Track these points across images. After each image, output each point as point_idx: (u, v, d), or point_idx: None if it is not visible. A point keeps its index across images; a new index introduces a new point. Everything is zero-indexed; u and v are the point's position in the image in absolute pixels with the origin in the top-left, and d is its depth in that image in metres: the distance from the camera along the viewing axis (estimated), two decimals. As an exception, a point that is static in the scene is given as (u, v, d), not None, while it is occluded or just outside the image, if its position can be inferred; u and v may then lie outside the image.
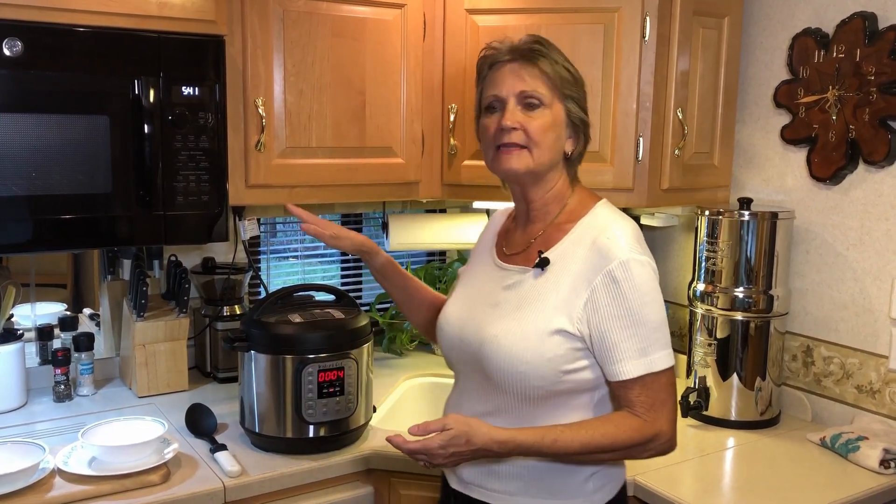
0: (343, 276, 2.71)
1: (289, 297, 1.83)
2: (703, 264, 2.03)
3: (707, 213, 2.01)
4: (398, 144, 2.09)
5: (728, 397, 2.01)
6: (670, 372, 1.33)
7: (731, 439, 1.94)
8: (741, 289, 1.97)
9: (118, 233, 1.74)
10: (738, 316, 1.98)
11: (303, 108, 1.95)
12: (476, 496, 1.43)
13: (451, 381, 1.55)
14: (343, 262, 2.71)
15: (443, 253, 2.82)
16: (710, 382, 2.02)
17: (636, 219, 2.36)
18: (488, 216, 2.52)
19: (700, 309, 2.04)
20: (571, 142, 1.42)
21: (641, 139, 1.98)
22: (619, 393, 1.33)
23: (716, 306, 2.00)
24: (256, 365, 1.75)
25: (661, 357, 1.31)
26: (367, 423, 1.84)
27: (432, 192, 2.16)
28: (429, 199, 2.19)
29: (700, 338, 2.04)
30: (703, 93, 2.08)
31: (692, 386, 2.05)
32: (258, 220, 2.29)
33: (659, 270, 1.39)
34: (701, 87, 2.07)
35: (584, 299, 1.32)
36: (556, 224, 1.42)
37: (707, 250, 2.02)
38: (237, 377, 2.19)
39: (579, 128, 1.42)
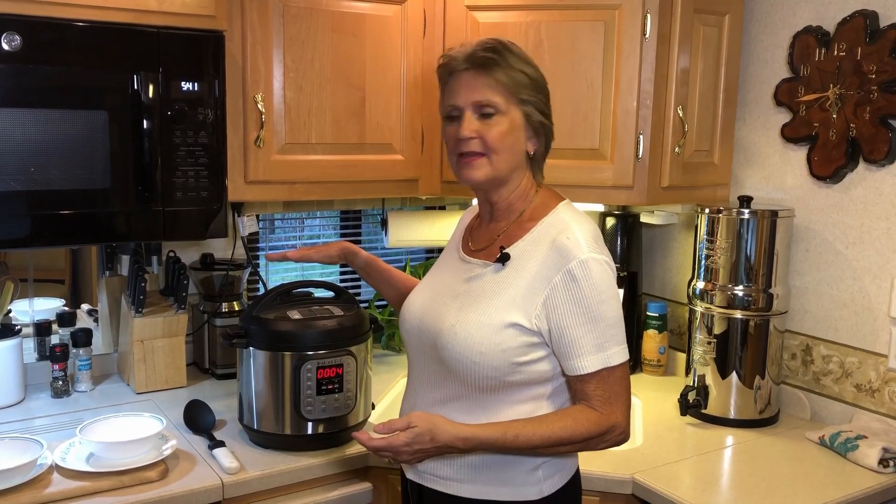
0: (342, 273, 2.70)
1: (288, 294, 1.83)
2: (703, 262, 2.02)
3: (707, 210, 2.01)
4: (398, 141, 2.09)
5: (727, 396, 2.01)
6: (625, 366, 1.37)
7: (730, 438, 1.94)
8: (740, 287, 1.97)
9: (117, 228, 1.74)
10: (738, 314, 1.98)
11: (302, 104, 1.94)
12: (429, 485, 1.47)
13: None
14: (342, 258, 2.70)
15: (441, 250, 2.81)
16: (709, 381, 2.02)
17: (635, 217, 2.36)
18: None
19: (699, 307, 2.04)
20: (532, 143, 1.44)
21: (641, 137, 1.98)
22: (576, 387, 1.38)
23: (715, 304, 2.00)
24: (255, 361, 1.75)
25: (617, 352, 1.35)
26: (365, 420, 1.84)
27: (432, 189, 2.16)
28: (428, 196, 2.19)
29: (699, 336, 2.04)
30: (704, 91, 2.07)
31: (691, 384, 2.05)
32: (257, 216, 2.29)
33: (658, 268, 1.42)
34: (701, 85, 2.06)
35: (543, 296, 1.35)
36: (519, 222, 1.46)
37: (706, 248, 2.01)
38: (235, 374, 2.20)
39: (539, 129, 1.43)
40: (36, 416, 1.92)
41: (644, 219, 2.30)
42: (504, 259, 1.42)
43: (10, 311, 2.15)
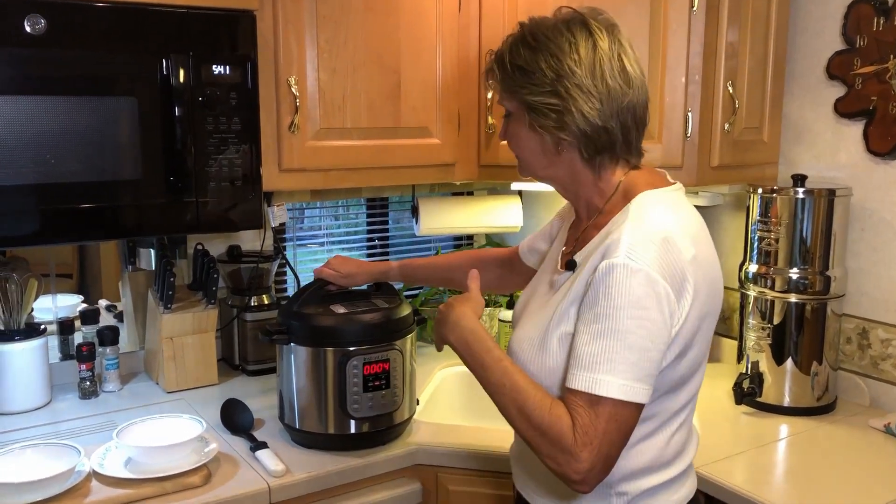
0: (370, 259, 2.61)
1: (325, 287, 1.75)
2: (756, 245, 1.94)
3: (760, 191, 1.93)
4: (434, 124, 2.00)
5: (782, 383, 1.93)
6: (622, 409, 1.10)
7: (788, 426, 1.86)
8: (796, 270, 1.89)
9: (148, 222, 1.65)
10: (793, 298, 1.90)
11: (336, 88, 1.85)
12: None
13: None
14: (369, 247, 2.62)
15: (470, 237, 2.73)
16: (763, 367, 1.94)
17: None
18: (521, 198, 2.43)
19: (753, 291, 1.95)
20: (557, 136, 1.23)
21: (690, 114, 1.89)
22: (566, 398, 1.15)
23: (770, 288, 1.92)
24: (296, 358, 1.67)
25: (610, 384, 1.09)
26: (411, 417, 1.76)
27: (469, 174, 2.07)
28: (465, 181, 2.10)
29: (753, 321, 1.96)
30: (752, 65, 1.98)
31: (745, 372, 1.97)
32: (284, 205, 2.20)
33: None
34: (750, 60, 1.97)
35: (579, 297, 1.18)
36: (595, 221, 1.29)
37: (760, 230, 1.93)
38: (268, 370, 2.13)
39: (565, 122, 1.21)
40: (65, 419, 1.84)
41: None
42: (570, 267, 1.26)
43: (33, 309, 2.06)
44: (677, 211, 1.23)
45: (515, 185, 2.20)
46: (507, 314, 2.26)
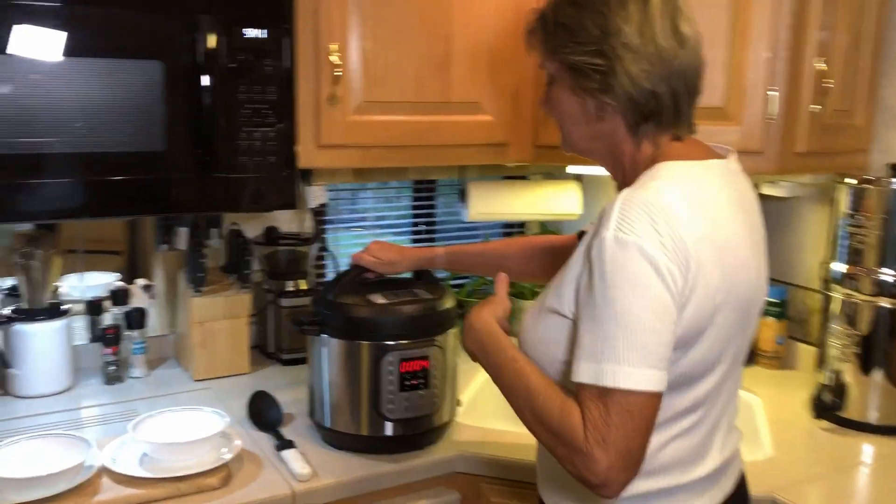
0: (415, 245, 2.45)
1: (363, 275, 1.60)
2: (845, 242, 1.73)
3: (851, 181, 1.71)
4: (486, 99, 1.83)
5: (869, 397, 1.72)
6: (636, 399, 0.98)
7: (874, 447, 1.65)
8: (890, 271, 1.67)
9: (173, 198, 1.52)
10: (885, 303, 1.68)
11: (380, 57, 1.69)
12: None
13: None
14: (414, 232, 2.46)
15: (522, 224, 2.56)
16: (847, 379, 1.74)
17: (753, 187, 2.06)
18: (579, 182, 2.25)
19: (838, 294, 1.74)
20: (599, 101, 1.12)
21: (774, 93, 1.68)
22: (577, 394, 1.03)
23: (859, 291, 1.70)
24: (329, 351, 1.53)
25: (617, 372, 0.98)
26: (451, 420, 1.61)
27: (523, 155, 1.90)
28: (519, 162, 1.93)
29: (837, 327, 1.75)
30: (847, 41, 1.76)
31: (825, 382, 1.77)
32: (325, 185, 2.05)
33: (778, 246, 1.07)
34: (844, 35, 1.75)
35: (576, 275, 1.08)
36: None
37: (850, 225, 1.72)
38: (303, 359, 1.99)
39: (610, 84, 1.10)
40: (85, 406, 1.74)
41: (765, 190, 2.00)
42: (580, 236, 1.19)
43: (58, 288, 1.97)
44: (695, 184, 1.09)
45: (572, 169, 2.02)
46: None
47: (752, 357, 2.09)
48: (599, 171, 1.92)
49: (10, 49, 1.35)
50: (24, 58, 1.37)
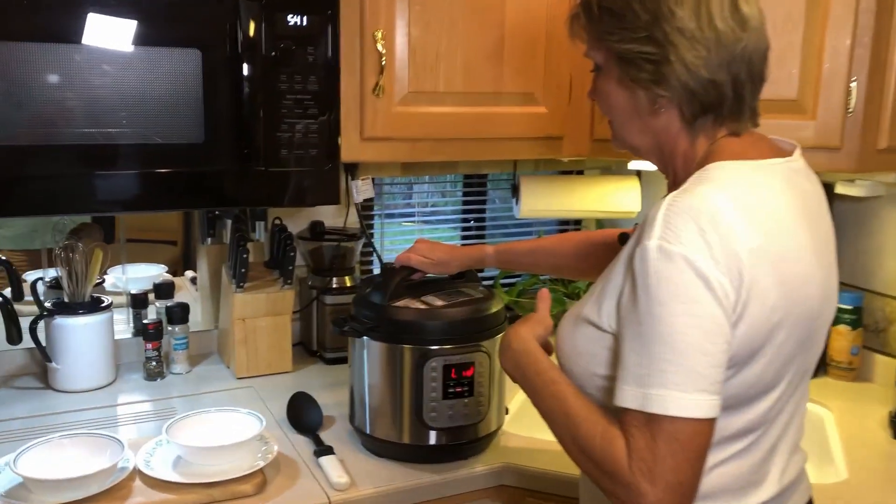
0: (463, 241, 2.37)
1: (410, 276, 1.52)
2: (931, 246, 1.59)
3: (939, 180, 1.57)
4: (541, 90, 1.73)
5: (955, 416, 1.58)
6: (682, 425, 0.89)
7: (960, 471, 1.51)
8: (982, 279, 1.53)
9: (213, 192, 1.47)
10: (976, 314, 1.54)
11: (429, 45, 1.61)
12: None
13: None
14: (464, 228, 2.38)
15: (578, 222, 2.46)
16: (930, 396, 1.60)
17: (827, 187, 1.92)
18: (640, 179, 2.14)
19: (922, 303, 1.60)
20: (651, 93, 1.02)
21: (855, 84, 1.54)
22: (620, 420, 0.94)
23: (946, 301, 1.56)
24: (370, 354, 1.46)
25: (664, 398, 0.89)
26: (498, 429, 1.52)
27: (579, 150, 1.79)
28: (574, 157, 1.83)
29: (920, 339, 1.61)
30: (937, 26, 1.61)
31: (906, 399, 1.63)
32: (372, 179, 1.98)
33: (853, 251, 0.96)
34: (934, 19, 1.60)
35: (618, 287, 0.98)
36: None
37: (937, 229, 1.57)
38: (347, 359, 1.93)
39: (664, 73, 1.00)
40: (124, 402, 1.71)
41: (840, 189, 1.86)
42: (623, 241, 1.08)
43: (102, 281, 1.94)
44: (749, 188, 0.98)
45: (633, 165, 1.91)
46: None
47: (824, 367, 1.96)
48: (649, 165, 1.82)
49: (45, 39, 1.31)
50: (62, 48, 1.32)
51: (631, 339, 0.93)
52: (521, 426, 1.65)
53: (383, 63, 1.56)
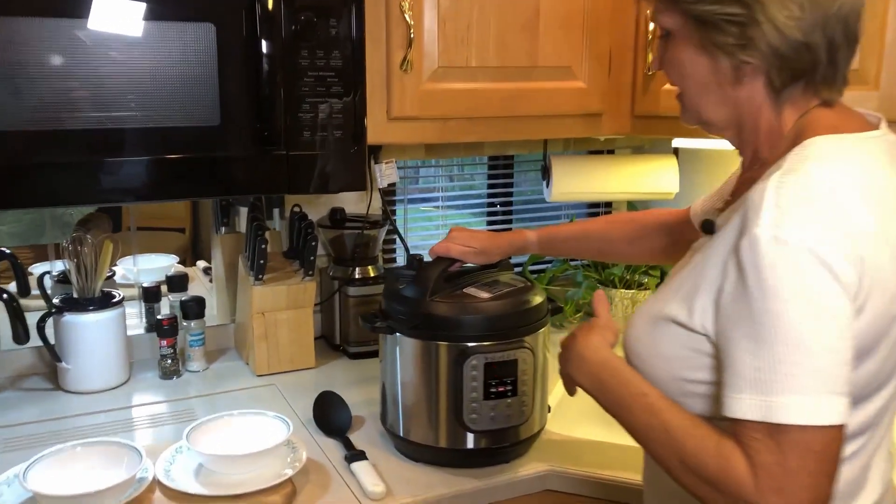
0: (489, 226, 2.26)
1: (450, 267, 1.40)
2: None
3: None
4: (579, 64, 1.61)
5: None
6: (814, 434, 0.79)
7: None
8: None
9: (230, 179, 1.36)
10: None
11: (461, 16, 1.49)
12: None
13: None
14: (489, 213, 2.27)
15: (608, 204, 2.34)
16: None
17: None
18: (677, 157, 2.02)
19: None
20: (733, 60, 0.92)
21: (923, 51, 1.42)
22: (732, 429, 0.84)
23: None
24: (402, 351, 1.35)
25: (792, 406, 0.79)
26: (541, 430, 1.42)
27: (619, 127, 1.68)
28: (614, 135, 1.71)
29: None
30: None
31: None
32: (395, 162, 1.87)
33: None
34: None
35: (716, 284, 0.88)
36: (750, 176, 0.98)
37: None
38: (372, 353, 1.83)
39: (752, 38, 0.90)
40: (139, 404, 1.61)
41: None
42: (707, 229, 0.98)
43: (112, 274, 1.84)
44: (858, 165, 0.89)
45: (678, 142, 1.79)
46: (656, 299, 1.86)
47: None
48: (706, 143, 1.69)
49: (45, 14, 1.20)
50: (63, 23, 1.21)
51: (744, 341, 0.82)
52: (562, 424, 1.55)
53: (411, 35, 1.44)
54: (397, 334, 1.34)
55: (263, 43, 1.31)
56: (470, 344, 1.29)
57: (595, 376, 1.00)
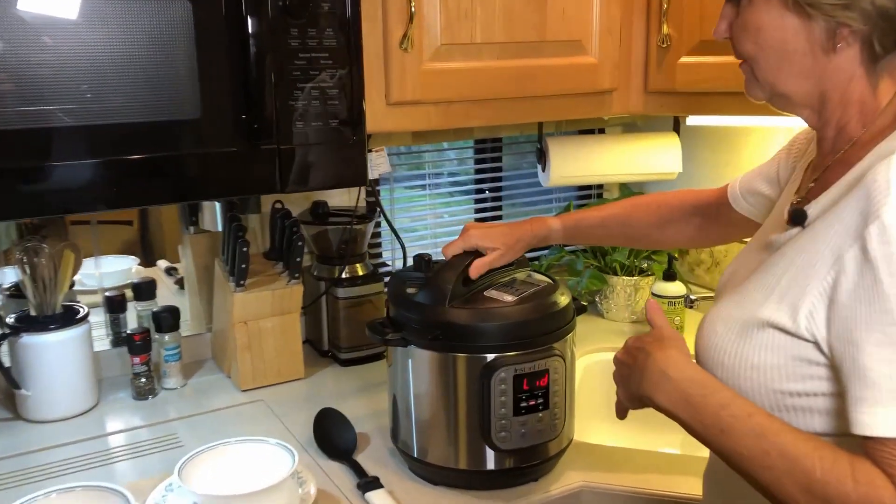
0: (477, 214, 2.12)
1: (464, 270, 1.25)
2: None
3: None
4: (589, 38, 1.47)
5: None
6: None
7: None
8: None
9: (214, 178, 1.18)
10: None
11: (463, -14, 1.34)
12: None
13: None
14: (477, 200, 2.12)
15: (600, 187, 2.22)
16: None
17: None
18: (678, 135, 1.90)
19: None
20: (829, 26, 0.82)
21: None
22: (866, 449, 0.74)
23: None
24: (416, 363, 1.21)
25: None
26: (569, 445, 1.29)
27: (632, 105, 1.55)
28: (625, 114, 1.58)
29: None
30: None
31: None
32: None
33: None
34: None
35: (826, 281, 0.77)
36: (844, 157, 0.86)
37: None
38: (366, 358, 1.70)
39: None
40: (113, 431, 1.43)
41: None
42: (797, 220, 0.87)
43: (73, 284, 1.65)
44: None
45: (693, 120, 1.67)
46: (666, 288, 1.76)
47: None
48: (707, 121, 1.58)
49: (-10, -12, 1.01)
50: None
51: (876, 348, 0.71)
52: (587, 433, 1.43)
53: (412, 9, 1.28)
54: (410, 346, 1.20)
55: (249, 21, 1.14)
56: (497, 355, 1.15)
57: (682, 397, 0.86)
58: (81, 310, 1.50)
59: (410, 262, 1.37)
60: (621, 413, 1.00)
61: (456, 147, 2.09)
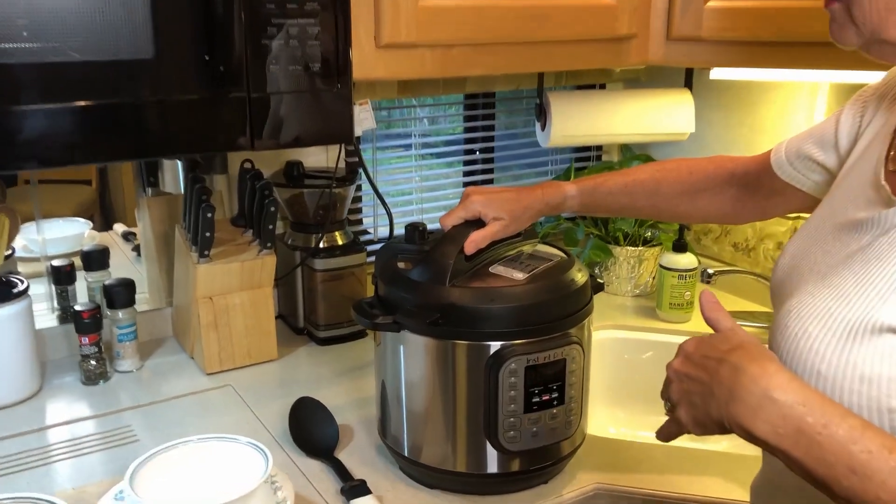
0: (466, 178, 1.94)
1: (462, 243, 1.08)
2: None
3: None
4: (606, -25, 1.29)
5: None
6: None
7: None
8: None
9: (172, 132, 0.99)
10: None
11: None
12: None
13: (647, 335, 1.28)
14: (466, 162, 1.94)
15: (599, 148, 2.05)
16: None
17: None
18: (690, 90, 1.73)
19: None
20: None
21: None
22: None
23: None
24: (409, 351, 1.04)
25: None
26: (582, 443, 1.13)
27: (651, 54, 1.37)
28: (642, 64, 1.41)
29: None
30: None
31: None
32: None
33: None
34: None
35: None
36: None
37: None
38: (346, 336, 1.53)
39: None
40: (57, 423, 1.25)
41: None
42: None
43: (12, 252, 1.45)
44: None
45: (717, 73, 1.50)
46: (677, 260, 1.60)
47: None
48: (750, 74, 1.41)
49: None
50: None
51: None
52: (597, 425, 1.28)
53: (407, -66, 1.09)
54: (404, 331, 1.03)
55: (211, -61, 0.94)
56: (506, 343, 0.99)
57: (796, 427, 0.65)
58: (20, 283, 1.30)
59: (398, 232, 1.19)
60: (669, 436, 0.81)
61: (441, 103, 1.91)
